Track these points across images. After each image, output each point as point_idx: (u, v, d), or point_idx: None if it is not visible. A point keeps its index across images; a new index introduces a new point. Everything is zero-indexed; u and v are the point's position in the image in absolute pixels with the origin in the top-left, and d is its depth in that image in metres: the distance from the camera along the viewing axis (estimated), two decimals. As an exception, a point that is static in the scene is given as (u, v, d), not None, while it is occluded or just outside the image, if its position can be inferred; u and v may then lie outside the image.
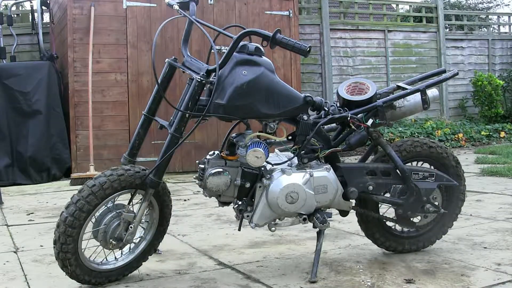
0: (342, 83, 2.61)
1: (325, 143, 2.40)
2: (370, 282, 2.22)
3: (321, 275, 2.31)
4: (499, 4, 22.60)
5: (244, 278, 2.34)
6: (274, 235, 3.05)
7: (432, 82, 2.62)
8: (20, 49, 6.75)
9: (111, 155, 5.87)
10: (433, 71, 2.78)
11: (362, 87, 2.53)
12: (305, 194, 2.26)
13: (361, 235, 2.83)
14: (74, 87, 5.80)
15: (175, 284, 2.26)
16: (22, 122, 5.74)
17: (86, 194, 2.10)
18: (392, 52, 8.87)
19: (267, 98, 2.21)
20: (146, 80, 6.05)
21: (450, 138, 8.21)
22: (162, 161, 2.18)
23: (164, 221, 2.37)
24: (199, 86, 2.16)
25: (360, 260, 2.55)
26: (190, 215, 3.79)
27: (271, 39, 2.11)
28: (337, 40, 8.45)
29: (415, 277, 2.25)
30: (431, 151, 2.58)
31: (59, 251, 2.11)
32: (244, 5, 6.53)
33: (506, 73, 9.90)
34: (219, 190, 2.23)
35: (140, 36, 6.03)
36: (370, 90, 2.50)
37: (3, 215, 3.93)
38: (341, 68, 8.46)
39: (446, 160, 2.60)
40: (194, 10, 2.34)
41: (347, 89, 2.54)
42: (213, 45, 2.09)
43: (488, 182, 4.83)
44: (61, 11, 6.28)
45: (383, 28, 8.81)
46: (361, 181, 2.43)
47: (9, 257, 2.75)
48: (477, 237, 2.91)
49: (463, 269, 2.36)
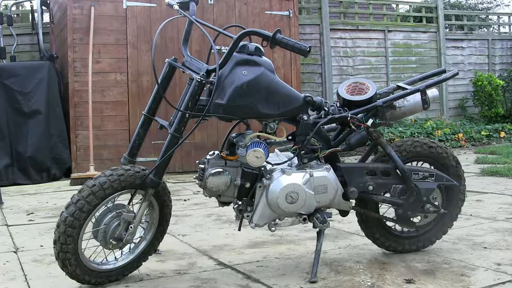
0: (342, 83, 2.61)
1: (325, 143, 2.40)
2: (370, 282, 2.22)
3: (321, 275, 2.31)
4: (499, 4, 22.61)
5: (244, 278, 2.34)
6: (274, 235, 3.05)
7: (432, 82, 2.62)
8: (20, 49, 6.74)
9: (111, 155, 5.87)
10: (433, 71, 2.78)
11: (362, 87, 2.53)
12: (305, 194, 2.26)
13: (361, 235, 2.83)
14: (74, 87, 5.79)
15: (175, 284, 2.26)
16: (22, 122, 5.74)
17: (86, 194, 2.10)
18: (392, 52, 8.87)
19: (267, 98, 2.21)
20: (146, 80, 6.05)
21: (450, 138, 8.21)
22: (162, 161, 2.18)
23: (164, 221, 2.37)
24: (199, 86, 2.16)
25: (360, 260, 2.55)
26: (190, 215, 3.79)
27: (271, 39, 2.11)
28: (337, 40, 8.45)
29: (415, 277, 2.25)
30: (431, 151, 2.58)
31: (59, 251, 2.11)
32: (244, 5, 6.53)
33: (506, 73, 9.90)
34: (219, 190, 2.23)
35: (140, 36, 6.03)
36: (370, 90, 2.50)
37: (3, 215, 3.93)
38: (341, 68, 8.46)
39: (446, 160, 2.60)
40: (194, 10, 2.34)
41: (347, 89, 2.54)
42: (213, 45, 2.09)
43: (488, 182, 4.83)
44: (61, 11, 6.28)
45: (383, 28, 8.81)
46: (361, 181, 2.43)
47: (9, 257, 2.75)
48: (477, 237, 2.91)
49: (463, 269, 2.36)
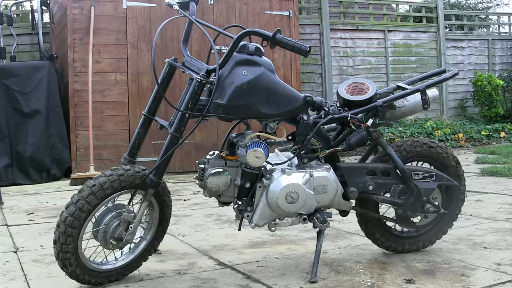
0: (342, 83, 2.61)
1: (325, 143, 2.40)
2: (370, 282, 2.22)
3: (321, 275, 2.31)
4: (499, 4, 22.62)
5: (244, 278, 2.33)
6: (274, 235, 3.05)
7: (432, 82, 2.62)
8: (20, 49, 6.74)
9: (111, 155, 5.87)
10: (433, 71, 2.78)
11: (362, 87, 2.53)
12: (305, 194, 2.26)
13: (361, 235, 2.83)
14: (74, 87, 5.80)
15: (175, 284, 2.26)
16: (22, 122, 5.74)
17: (86, 194, 2.10)
18: (392, 52, 8.86)
19: (267, 98, 2.21)
20: (146, 80, 6.05)
21: (450, 138, 8.21)
22: (162, 161, 2.18)
23: (164, 221, 2.37)
24: (199, 86, 2.16)
25: (360, 260, 2.55)
26: (190, 215, 3.78)
27: (271, 39, 2.11)
28: (337, 40, 8.45)
29: (415, 277, 2.25)
30: (431, 151, 2.58)
31: (59, 251, 2.10)
32: (244, 5, 6.53)
33: (506, 73, 9.89)
34: (219, 190, 2.23)
35: (140, 36, 6.03)
36: (370, 90, 2.50)
37: (3, 215, 3.93)
38: (341, 68, 8.46)
39: (446, 160, 2.60)
40: (194, 10, 2.34)
41: (347, 89, 2.54)
42: (213, 45, 2.09)
43: (488, 182, 4.83)
44: (61, 11, 6.28)
45: (383, 28, 8.80)
46: (361, 181, 2.43)
47: (9, 257, 2.75)
48: (477, 237, 2.91)
49: (463, 269, 2.36)
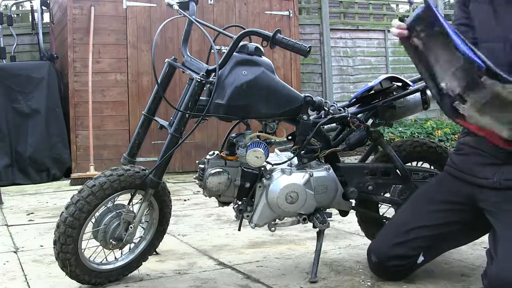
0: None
1: (325, 143, 2.40)
2: (370, 282, 2.22)
3: (321, 275, 2.31)
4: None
5: (244, 278, 2.34)
6: (274, 235, 3.05)
7: (432, 82, 2.61)
8: (20, 49, 6.74)
9: (111, 155, 5.86)
10: (433, 71, 2.78)
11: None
12: (305, 194, 2.25)
13: (361, 235, 2.83)
14: (74, 87, 5.79)
15: (175, 284, 2.26)
16: (22, 122, 5.73)
17: (86, 195, 2.10)
18: (392, 52, 8.86)
19: (267, 98, 2.21)
20: (146, 80, 6.05)
21: (450, 138, 8.21)
22: (162, 161, 2.17)
23: (164, 221, 2.37)
24: (199, 86, 2.16)
25: (360, 260, 2.55)
26: (190, 215, 3.78)
27: (271, 39, 2.11)
28: (337, 40, 8.44)
29: (415, 277, 2.25)
30: (431, 151, 2.58)
31: (59, 251, 2.10)
32: (244, 5, 6.53)
33: (506, 73, 9.89)
34: (219, 190, 2.23)
35: (140, 36, 6.03)
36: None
37: (3, 215, 3.92)
38: (341, 68, 8.46)
39: (446, 160, 2.59)
40: (194, 10, 2.33)
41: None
42: (213, 45, 2.09)
43: (488, 182, 4.82)
44: (61, 11, 6.28)
45: (383, 28, 8.80)
46: (361, 181, 2.42)
47: (9, 257, 2.75)
48: (477, 237, 2.91)
49: (463, 269, 2.36)
